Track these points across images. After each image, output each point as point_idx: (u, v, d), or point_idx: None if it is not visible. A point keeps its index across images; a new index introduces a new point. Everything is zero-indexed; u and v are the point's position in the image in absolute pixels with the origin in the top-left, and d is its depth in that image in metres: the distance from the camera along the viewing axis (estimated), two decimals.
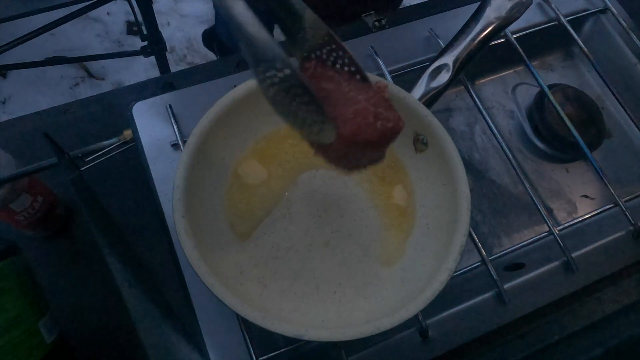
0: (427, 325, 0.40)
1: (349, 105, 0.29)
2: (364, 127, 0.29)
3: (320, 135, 0.29)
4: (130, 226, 0.47)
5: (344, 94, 0.30)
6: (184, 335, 0.39)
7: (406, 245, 0.40)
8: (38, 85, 1.39)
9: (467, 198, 0.37)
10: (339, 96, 0.30)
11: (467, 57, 0.45)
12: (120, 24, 1.51)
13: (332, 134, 0.29)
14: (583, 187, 0.55)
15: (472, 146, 0.55)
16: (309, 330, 0.32)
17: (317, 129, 0.29)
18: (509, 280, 0.43)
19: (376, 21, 0.55)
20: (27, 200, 0.42)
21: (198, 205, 0.37)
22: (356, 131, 0.29)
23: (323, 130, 0.29)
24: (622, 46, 0.58)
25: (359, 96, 0.29)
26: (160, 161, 0.44)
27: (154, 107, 0.46)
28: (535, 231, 0.51)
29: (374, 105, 0.29)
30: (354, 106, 0.29)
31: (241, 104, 0.39)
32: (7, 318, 0.35)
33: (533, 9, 0.55)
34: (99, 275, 0.44)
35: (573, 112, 0.53)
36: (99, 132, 0.50)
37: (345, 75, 0.31)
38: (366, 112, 0.29)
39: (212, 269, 0.34)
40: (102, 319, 0.43)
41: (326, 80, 0.30)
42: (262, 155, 0.42)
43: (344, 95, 0.30)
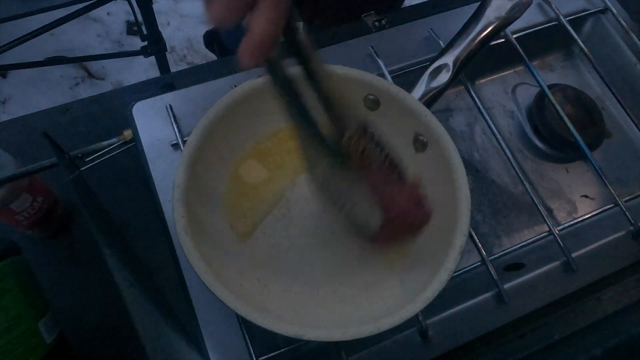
0: (427, 325, 0.40)
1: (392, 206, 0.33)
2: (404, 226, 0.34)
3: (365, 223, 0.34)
4: (130, 226, 0.47)
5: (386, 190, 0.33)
6: (184, 335, 0.39)
7: (406, 245, 0.40)
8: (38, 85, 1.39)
9: (467, 198, 0.37)
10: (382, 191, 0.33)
11: (467, 57, 0.45)
12: (120, 24, 1.51)
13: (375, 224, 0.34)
14: (583, 187, 0.55)
15: (472, 146, 0.55)
16: (309, 330, 0.32)
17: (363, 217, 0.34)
18: (509, 280, 0.43)
19: (376, 21, 0.55)
20: (27, 200, 0.42)
21: (198, 206, 0.37)
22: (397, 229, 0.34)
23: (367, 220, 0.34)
24: (622, 46, 0.58)
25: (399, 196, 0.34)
26: (160, 161, 0.44)
27: (154, 107, 0.46)
28: (535, 231, 0.51)
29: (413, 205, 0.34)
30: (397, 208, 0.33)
31: (241, 104, 0.39)
32: (7, 318, 0.35)
33: (533, 9, 0.55)
34: (99, 275, 0.44)
35: (573, 112, 0.53)
36: (99, 132, 0.50)
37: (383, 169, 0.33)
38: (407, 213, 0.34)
39: (212, 269, 0.34)
40: (102, 319, 0.43)
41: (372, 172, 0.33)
42: (262, 155, 0.42)
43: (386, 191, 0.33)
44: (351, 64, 0.41)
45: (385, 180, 0.33)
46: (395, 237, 0.36)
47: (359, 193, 0.33)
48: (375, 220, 0.34)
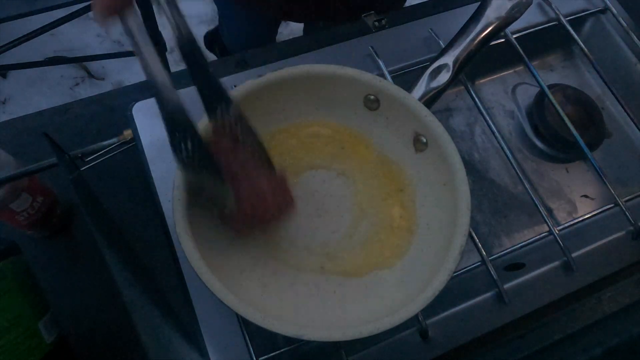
0: (427, 325, 0.40)
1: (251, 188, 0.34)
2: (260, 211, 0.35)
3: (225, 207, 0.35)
4: (130, 226, 0.47)
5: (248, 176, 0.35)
6: (184, 335, 0.39)
7: (406, 245, 0.40)
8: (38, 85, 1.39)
9: (467, 198, 0.37)
10: (243, 177, 0.34)
11: (467, 57, 0.45)
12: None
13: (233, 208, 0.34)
14: (583, 187, 0.55)
15: (472, 146, 0.55)
16: (309, 330, 0.32)
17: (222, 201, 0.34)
18: (509, 280, 0.43)
19: (376, 21, 0.55)
20: (27, 200, 0.42)
21: (198, 206, 0.37)
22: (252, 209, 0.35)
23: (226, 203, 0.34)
24: (622, 46, 0.58)
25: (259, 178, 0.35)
26: (160, 161, 0.44)
27: (154, 107, 0.45)
28: (535, 231, 0.51)
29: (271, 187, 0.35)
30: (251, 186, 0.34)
31: (241, 104, 0.39)
32: (7, 318, 0.35)
33: (533, 9, 0.55)
34: (99, 275, 0.44)
35: (573, 112, 0.53)
36: (99, 132, 0.50)
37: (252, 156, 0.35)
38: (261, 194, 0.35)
39: (212, 269, 0.34)
40: (102, 319, 0.43)
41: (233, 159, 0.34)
42: None
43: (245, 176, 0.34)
44: (351, 64, 0.41)
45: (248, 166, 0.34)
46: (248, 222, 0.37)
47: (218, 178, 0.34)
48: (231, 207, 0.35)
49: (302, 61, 0.48)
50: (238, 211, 0.35)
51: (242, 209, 0.35)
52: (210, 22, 1.52)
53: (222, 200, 0.35)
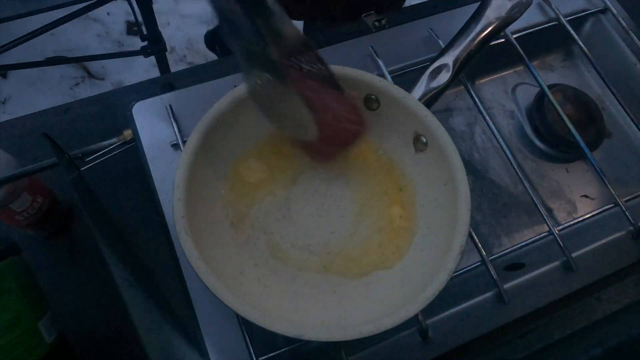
0: (427, 325, 0.40)
1: (327, 111, 0.35)
2: (339, 131, 0.36)
3: (302, 134, 0.35)
4: (130, 226, 0.47)
5: (322, 101, 0.35)
6: (184, 335, 0.39)
7: (406, 245, 0.40)
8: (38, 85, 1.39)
9: (467, 198, 0.37)
10: (317, 102, 0.35)
11: (467, 57, 0.45)
12: (120, 24, 1.51)
13: (312, 134, 0.35)
14: (583, 187, 0.55)
15: (472, 146, 0.55)
16: (309, 330, 0.32)
17: (300, 128, 0.35)
18: (509, 280, 0.43)
19: (376, 21, 0.55)
20: (27, 200, 0.42)
21: (198, 205, 0.37)
22: (333, 134, 0.36)
23: (304, 130, 0.35)
24: (622, 46, 0.58)
25: (334, 103, 0.36)
26: (160, 161, 0.44)
27: (154, 107, 0.46)
28: (535, 231, 0.51)
29: (347, 112, 0.36)
30: (331, 112, 0.35)
31: (241, 104, 0.39)
32: (7, 318, 0.35)
33: (533, 9, 0.55)
34: (99, 275, 0.44)
35: (573, 112, 0.53)
36: (99, 132, 0.50)
37: (321, 83, 0.36)
38: (341, 118, 0.35)
39: (212, 269, 0.34)
40: (102, 319, 0.43)
41: (307, 87, 0.35)
42: (263, 155, 0.42)
43: (322, 101, 0.35)
44: (351, 64, 0.41)
45: (320, 90, 0.35)
46: (330, 146, 0.38)
47: (296, 104, 0.34)
48: (311, 131, 0.35)
49: None
50: (320, 136, 0.35)
51: (323, 134, 0.35)
52: (211, 22, 1.52)
53: (302, 127, 0.35)
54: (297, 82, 0.34)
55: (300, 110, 0.34)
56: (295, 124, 0.35)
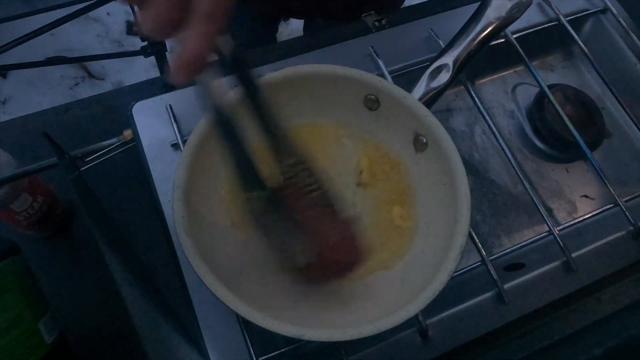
0: (427, 325, 0.40)
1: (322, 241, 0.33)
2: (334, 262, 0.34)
3: (297, 259, 0.34)
4: (130, 226, 0.47)
5: (318, 229, 0.33)
6: (184, 335, 0.39)
7: (406, 245, 0.40)
8: (38, 85, 1.39)
9: (467, 198, 0.37)
10: (313, 230, 0.33)
11: (467, 57, 0.45)
12: (120, 24, 1.51)
13: (306, 260, 0.33)
14: (583, 187, 0.55)
15: (472, 146, 0.55)
16: (309, 330, 0.32)
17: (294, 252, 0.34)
18: (509, 280, 0.43)
19: (376, 21, 0.55)
20: (27, 200, 0.42)
21: (198, 205, 0.37)
22: (328, 264, 0.34)
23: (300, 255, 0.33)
24: (622, 46, 0.58)
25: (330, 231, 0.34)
26: (160, 161, 0.44)
27: (154, 107, 0.46)
28: (535, 231, 0.51)
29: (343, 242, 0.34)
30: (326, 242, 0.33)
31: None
32: (7, 318, 0.35)
33: (533, 9, 0.55)
34: (99, 275, 0.44)
35: (573, 112, 0.53)
36: (99, 132, 0.50)
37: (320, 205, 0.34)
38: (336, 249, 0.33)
39: (212, 269, 0.34)
40: (102, 319, 0.43)
41: (303, 210, 0.33)
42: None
43: (317, 230, 0.33)
44: (351, 64, 0.41)
45: (318, 215, 0.33)
46: (325, 274, 0.36)
47: (291, 227, 0.33)
48: (306, 257, 0.34)
49: (302, 61, 0.48)
50: (315, 264, 0.33)
51: (317, 263, 0.33)
52: None
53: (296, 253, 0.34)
54: (293, 204, 0.33)
55: (297, 234, 0.33)
56: (291, 248, 0.34)
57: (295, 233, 0.33)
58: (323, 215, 0.34)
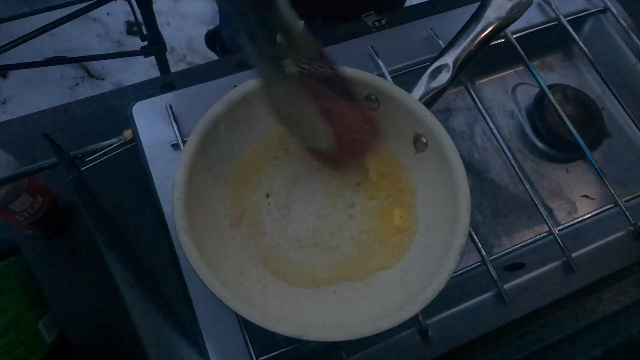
0: (427, 325, 0.40)
1: (341, 121, 0.35)
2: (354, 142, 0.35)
3: (315, 143, 0.35)
4: (130, 226, 0.47)
5: (336, 110, 0.35)
6: (184, 335, 0.39)
7: (406, 245, 0.40)
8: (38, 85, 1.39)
9: (467, 198, 0.37)
10: (332, 112, 0.34)
11: (467, 57, 0.45)
12: (120, 24, 1.51)
13: (326, 144, 0.35)
14: (583, 187, 0.55)
15: (472, 146, 0.55)
16: (309, 330, 0.32)
17: (313, 137, 0.35)
18: (509, 280, 0.43)
19: (376, 21, 0.55)
20: (27, 200, 0.42)
21: (198, 205, 0.37)
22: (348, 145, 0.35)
23: (318, 139, 0.35)
24: (622, 46, 0.58)
25: (348, 113, 0.35)
26: (160, 161, 0.44)
27: (154, 107, 0.46)
28: (535, 231, 0.51)
29: (361, 122, 0.35)
30: (346, 123, 0.35)
31: (241, 104, 0.39)
32: (7, 318, 0.35)
33: (533, 9, 0.55)
34: (99, 275, 0.44)
35: (573, 112, 0.53)
36: (99, 132, 0.50)
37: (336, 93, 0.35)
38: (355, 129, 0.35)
39: (212, 269, 0.34)
40: (102, 319, 0.43)
41: (320, 95, 0.34)
42: (263, 155, 0.42)
43: (336, 111, 0.35)
44: (351, 64, 0.41)
45: (335, 100, 0.35)
46: (344, 155, 0.38)
47: (311, 114, 0.35)
48: (326, 141, 0.35)
49: None
50: (336, 146, 0.35)
51: (337, 144, 0.35)
52: (211, 22, 1.52)
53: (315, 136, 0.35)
54: (311, 89, 0.34)
55: (314, 119, 0.34)
56: (309, 132, 0.35)
57: (316, 117, 0.34)
58: (340, 102, 0.35)
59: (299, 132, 0.37)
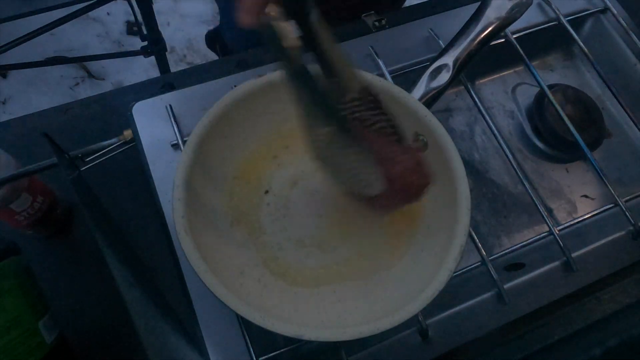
0: (427, 325, 0.40)
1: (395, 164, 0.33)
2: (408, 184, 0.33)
3: (366, 189, 0.34)
4: (130, 226, 0.47)
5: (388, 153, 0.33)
6: (184, 335, 0.39)
7: (406, 245, 0.40)
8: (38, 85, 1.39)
9: (467, 198, 0.37)
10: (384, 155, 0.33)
11: (467, 57, 0.45)
12: (120, 24, 1.51)
13: (377, 189, 0.33)
14: (583, 187, 0.55)
15: (472, 146, 0.55)
16: (309, 330, 0.32)
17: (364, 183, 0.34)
18: (509, 280, 0.43)
19: (376, 21, 0.55)
20: (27, 200, 0.42)
21: (198, 205, 0.37)
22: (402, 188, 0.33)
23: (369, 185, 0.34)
24: (622, 46, 0.58)
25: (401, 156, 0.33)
26: (160, 161, 0.44)
27: (154, 107, 0.46)
28: (535, 231, 0.51)
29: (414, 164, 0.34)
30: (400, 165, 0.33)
31: (241, 104, 0.39)
32: (7, 318, 0.35)
33: (533, 9, 0.55)
34: (99, 275, 0.44)
35: (573, 112, 0.53)
36: (99, 132, 0.50)
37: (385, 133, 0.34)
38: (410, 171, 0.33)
39: (212, 269, 0.34)
40: (102, 319, 0.43)
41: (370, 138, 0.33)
42: (263, 155, 0.42)
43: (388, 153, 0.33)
44: None
45: (386, 143, 0.33)
46: (397, 201, 0.36)
47: (360, 158, 0.33)
48: (376, 186, 0.34)
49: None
50: (389, 192, 0.34)
51: (392, 188, 0.33)
52: (211, 22, 1.52)
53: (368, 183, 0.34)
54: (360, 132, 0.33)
55: (366, 164, 0.33)
56: (361, 179, 0.34)
57: (366, 162, 0.33)
58: (391, 143, 0.34)
59: (344, 178, 0.35)
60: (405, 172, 0.33)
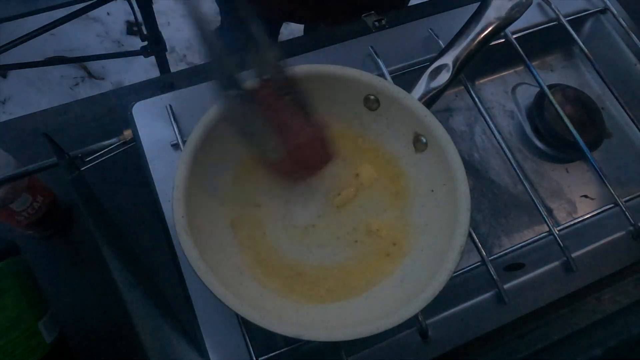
0: (427, 325, 0.40)
1: (294, 136, 0.36)
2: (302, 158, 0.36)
3: (268, 155, 0.36)
4: (130, 226, 0.47)
5: (291, 125, 0.36)
6: (184, 335, 0.39)
7: (406, 245, 0.40)
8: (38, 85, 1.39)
9: (467, 198, 0.37)
10: (287, 126, 0.36)
11: (467, 57, 0.45)
12: (120, 24, 1.51)
13: (278, 156, 0.36)
14: (583, 187, 0.55)
15: (472, 146, 0.55)
16: (308, 330, 0.32)
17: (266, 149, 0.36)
18: (509, 280, 0.43)
19: (376, 21, 0.55)
20: (27, 200, 0.42)
21: (198, 205, 0.37)
22: (296, 160, 0.36)
23: (271, 152, 0.36)
24: (622, 46, 0.58)
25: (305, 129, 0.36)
26: (160, 161, 0.44)
27: (154, 107, 0.46)
28: (535, 231, 0.51)
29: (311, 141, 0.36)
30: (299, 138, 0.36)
31: None
32: (7, 318, 0.35)
33: (533, 9, 0.55)
34: (99, 275, 0.44)
35: (573, 112, 0.53)
36: (99, 132, 0.50)
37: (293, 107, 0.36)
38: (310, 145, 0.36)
39: (212, 269, 0.34)
40: (102, 319, 0.43)
41: (278, 109, 0.35)
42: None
43: (291, 126, 0.36)
44: (351, 64, 0.41)
45: (291, 115, 0.35)
46: (295, 170, 0.38)
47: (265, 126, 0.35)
48: (277, 153, 0.36)
49: (302, 61, 0.48)
50: (285, 161, 0.36)
51: (289, 160, 0.36)
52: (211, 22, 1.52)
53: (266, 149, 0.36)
54: (267, 103, 0.35)
55: (265, 133, 0.35)
56: (261, 145, 0.36)
57: (268, 130, 0.35)
58: (295, 116, 0.36)
59: (254, 145, 0.37)
60: (304, 144, 0.35)
